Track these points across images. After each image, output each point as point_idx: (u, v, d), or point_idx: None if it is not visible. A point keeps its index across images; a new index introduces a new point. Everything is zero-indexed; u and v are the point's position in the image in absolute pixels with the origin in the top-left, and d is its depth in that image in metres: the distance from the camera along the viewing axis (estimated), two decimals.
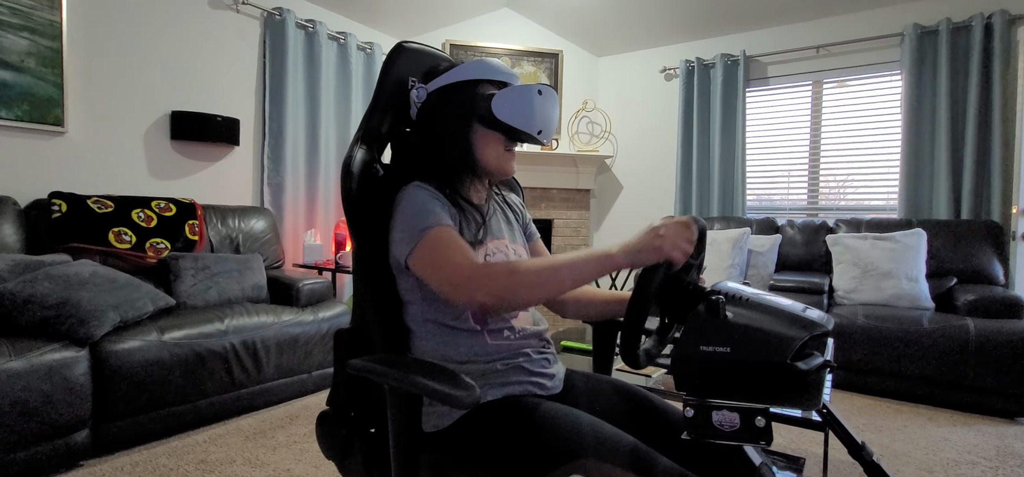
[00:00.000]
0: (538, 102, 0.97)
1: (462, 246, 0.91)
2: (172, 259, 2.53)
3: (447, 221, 0.94)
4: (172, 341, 2.10)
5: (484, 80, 1.01)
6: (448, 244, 0.90)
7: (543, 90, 0.98)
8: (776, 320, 0.73)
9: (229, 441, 2.12)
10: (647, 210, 4.53)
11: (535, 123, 0.97)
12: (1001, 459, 2.09)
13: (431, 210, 0.94)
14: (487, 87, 1.01)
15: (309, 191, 3.64)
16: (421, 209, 0.94)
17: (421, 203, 0.94)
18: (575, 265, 0.84)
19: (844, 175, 3.78)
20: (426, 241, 0.91)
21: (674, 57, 4.36)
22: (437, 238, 0.91)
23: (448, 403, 0.72)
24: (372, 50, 3.97)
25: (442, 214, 0.94)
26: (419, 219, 0.92)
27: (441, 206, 0.95)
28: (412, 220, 0.93)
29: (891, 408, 2.65)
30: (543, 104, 0.98)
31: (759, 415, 0.66)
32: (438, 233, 0.91)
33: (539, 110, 0.97)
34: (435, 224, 0.92)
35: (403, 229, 0.94)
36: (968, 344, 2.55)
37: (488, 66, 1.01)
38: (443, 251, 0.89)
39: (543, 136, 1.00)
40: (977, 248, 3.04)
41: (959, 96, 3.27)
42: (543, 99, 0.98)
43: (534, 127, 0.98)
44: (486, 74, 1.01)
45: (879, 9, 3.55)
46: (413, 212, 0.94)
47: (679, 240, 0.81)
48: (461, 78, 1.01)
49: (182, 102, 3.02)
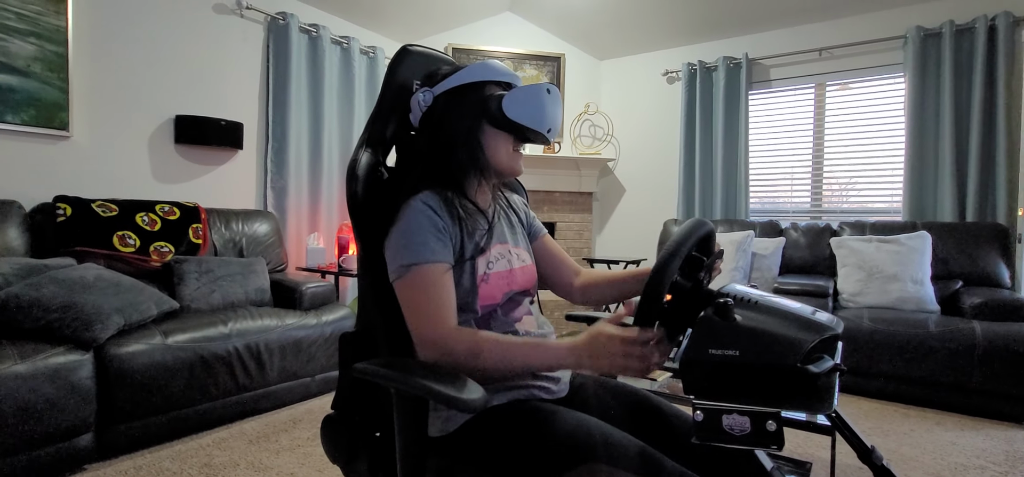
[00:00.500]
0: (548, 101, 0.99)
1: (441, 299, 0.91)
2: (176, 263, 2.53)
3: (439, 257, 0.92)
4: (176, 344, 2.10)
5: (490, 81, 1.01)
6: (428, 291, 0.90)
7: (551, 89, 1.00)
8: (786, 323, 0.72)
9: (233, 445, 2.12)
10: (650, 213, 4.52)
11: (545, 121, 0.98)
12: (1011, 464, 2.08)
13: (424, 242, 0.92)
14: (493, 88, 1.01)
15: (312, 194, 3.64)
16: (415, 238, 0.92)
17: (417, 231, 0.93)
18: (533, 355, 0.87)
19: (847, 178, 3.77)
20: (409, 279, 0.91)
21: (676, 60, 4.36)
22: (420, 281, 0.90)
23: (455, 407, 0.72)
24: (375, 54, 3.98)
25: (436, 246, 0.92)
26: (409, 251, 0.92)
27: (437, 236, 0.93)
28: (403, 249, 0.92)
29: (898, 412, 2.63)
30: (552, 103, 1.00)
31: (770, 419, 0.65)
32: (423, 275, 0.91)
33: (549, 109, 0.99)
34: (423, 261, 0.91)
35: (393, 252, 0.94)
36: (975, 347, 2.54)
37: (492, 68, 1.02)
38: (421, 298, 0.90)
39: (552, 134, 1.02)
40: (982, 251, 3.02)
41: (963, 98, 3.26)
42: (552, 98, 0.99)
43: (544, 125, 0.99)
44: (491, 76, 1.01)
45: (882, 11, 3.55)
46: (406, 240, 0.93)
47: (625, 361, 0.80)
48: (467, 80, 1.00)
49: (186, 106, 3.03)
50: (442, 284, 0.91)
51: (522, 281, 1.04)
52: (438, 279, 0.91)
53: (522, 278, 1.05)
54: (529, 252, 1.12)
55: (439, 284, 0.91)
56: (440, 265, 0.92)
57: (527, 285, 1.06)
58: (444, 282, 0.92)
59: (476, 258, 0.97)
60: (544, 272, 1.19)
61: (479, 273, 0.97)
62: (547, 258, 1.18)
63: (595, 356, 0.82)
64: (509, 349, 0.88)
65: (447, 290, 0.92)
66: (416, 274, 0.91)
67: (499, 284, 0.99)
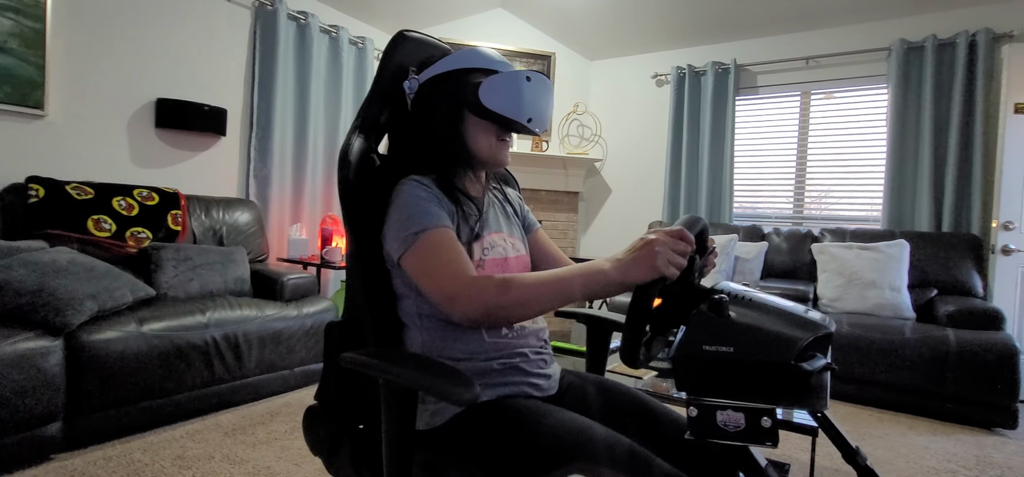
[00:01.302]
0: (527, 89, 0.94)
1: (457, 253, 0.88)
2: (153, 249, 2.46)
3: (445, 222, 0.91)
4: (151, 333, 2.04)
5: (475, 68, 0.98)
6: (443, 251, 0.88)
7: (532, 76, 0.95)
8: (780, 320, 0.72)
9: (207, 437, 2.07)
10: (635, 214, 4.55)
11: (523, 111, 0.95)
12: (980, 468, 2.13)
13: (427, 210, 0.91)
14: (478, 76, 0.98)
15: (296, 185, 3.58)
16: (417, 209, 0.91)
17: (417, 202, 0.92)
18: (566, 281, 0.82)
19: (829, 185, 3.84)
20: (421, 245, 0.89)
21: (666, 63, 4.39)
22: (432, 243, 0.88)
23: (448, 400, 0.70)
24: (364, 45, 3.93)
25: (439, 214, 0.92)
26: (414, 220, 0.90)
27: (438, 205, 0.93)
28: (407, 220, 0.90)
29: (872, 416, 2.68)
30: (533, 91, 0.95)
31: (765, 415, 0.65)
32: (433, 237, 0.89)
33: (528, 98, 0.94)
34: (431, 226, 0.89)
35: (397, 228, 0.92)
36: (948, 354, 2.60)
37: (479, 54, 0.99)
38: (437, 258, 0.87)
39: (533, 124, 0.97)
40: (957, 260, 3.10)
41: (942, 111, 3.34)
42: (532, 86, 0.95)
43: (523, 115, 0.95)
44: (476, 63, 0.98)
45: (868, 23, 3.61)
46: (409, 211, 0.91)
47: (673, 254, 0.76)
48: (452, 67, 0.98)
49: (168, 90, 2.95)
50: (453, 243, 0.90)
51: (517, 269, 1.03)
52: (448, 239, 0.89)
53: (517, 267, 1.03)
54: (524, 242, 1.11)
55: (450, 243, 0.89)
56: (446, 228, 0.91)
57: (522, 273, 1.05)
58: (454, 241, 0.90)
59: (471, 243, 0.96)
60: (538, 266, 1.18)
61: (474, 258, 0.95)
62: (540, 252, 1.17)
63: (643, 256, 0.76)
64: (542, 279, 0.83)
65: (459, 247, 0.90)
66: (425, 240, 0.89)
67: (494, 271, 0.98)
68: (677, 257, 0.76)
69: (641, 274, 0.76)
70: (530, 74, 0.95)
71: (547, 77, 0.99)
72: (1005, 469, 2.13)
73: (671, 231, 0.77)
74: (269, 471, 1.83)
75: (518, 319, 0.86)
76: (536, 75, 0.96)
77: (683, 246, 0.77)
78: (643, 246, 0.77)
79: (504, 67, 1.00)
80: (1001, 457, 2.24)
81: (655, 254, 0.75)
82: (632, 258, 0.77)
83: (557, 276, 0.83)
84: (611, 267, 0.79)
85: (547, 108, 0.99)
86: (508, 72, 0.95)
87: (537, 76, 0.96)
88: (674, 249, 0.76)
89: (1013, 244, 3.02)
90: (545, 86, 0.97)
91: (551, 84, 1.01)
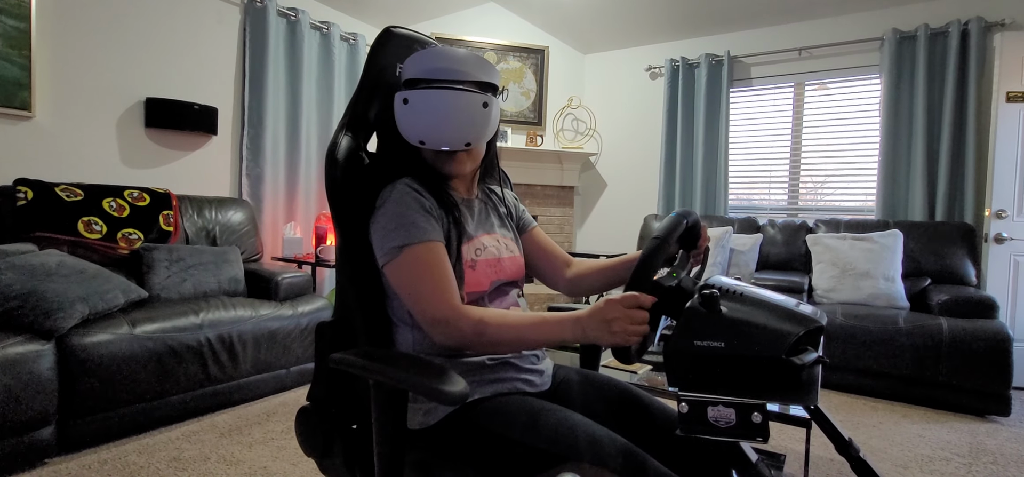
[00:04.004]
0: (407, 112, 0.90)
1: (442, 273, 0.88)
2: (145, 250, 2.44)
3: (432, 236, 0.90)
4: (144, 334, 2.03)
5: (420, 79, 0.93)
6: (427, 270, 0.87)
7: (409, 97, 0.90)
8: (771, 315, 0.72)
9: (203, 438, 2.06)
10: (631, 207, 4.54)
11: (413, 132, 0.91)
12: (974, 456, 2.14)
13: (414, 221, 0.90)
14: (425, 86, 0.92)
15: (289, 183, 3.56)
16: (404, 219, 0.90)
17: (404, 211, 0.91)
18: (536, 329, 0.85)
19: (823, 176, 3.84)
20: (405, 259, 0.88)
21: (659, 56, 4.38)
22: (416, 260, 0.88)
23: (436, 399, 0.70)
24: (356, 41, 3.90)
25: (426, 226, 0.90)
26: (400, 232, 0.89)
27: (426, 214, 0.92)
28: (394, 230, 0.90)
29: (867, 405, 2.69)
30: (457, 112, 0.89)
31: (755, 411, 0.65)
32: (419, 253, 0.88)
33: (446, 122, 0.89)
34: (417, 240, 0.89)
35: (383, 236, 0.91)
36: (941, 343, 2.61)
37: (417, 62, 0.93)
38: (421, 278, 0.87)
39: (427, 144, 0.92)
40: (951, 249, 3.11)
41: (935, 100, 3.34)
42: (453, 105, 0.89)
43: (414, 137, 0.92)
44: (418, 72, 0.93)
45: (860, 13, 3.61)
46: (396, 221, 0.90)
47: (629, 325, 0.77)
48: (406, 76, 0.95)
49: (158, 89, 2.92)
50: (439, 261, 0.89)
51: (510, 271, 1.03)
52: (434, 257, 0.89)
53: (510, 268, 1.03)
54: (517, 243, 1.10)
55: (436, 262, 0.89)
56: (434, 243, 0.90)
57: (515, 275, 1.04)
58: (441, 259, 0.90)
59: (462, 245, 0.95)
60: (535, 264, 1.17)
61: (466, 260, 0.95)
62: (538, 251, 1.16)
63: (598, 323, 0.79)
64: (514, 325, 0.86)
65: (445, 267, 0.90)
66: (410, 254, 0.88)
67: (487, 272, 0.97)
68: (632, 328, 0.78)
69: (600, 342, 0.80)
70: (408, 96, 0.90)
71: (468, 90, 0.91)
72: (998, 456, 2.14)
73: (624, 299, 0.79)
74: (266, 471, 1.82)
75: (487, 354, 0.90)
76: (418, 94, 0.90)
77: (638, 315, 0.78)
78: (600, 318, 0.79)
79: (447, 73, 0.92)
80: (994, 444, 2.26)
81: (612, 331, 0.78)
82: (592, 326, 0.81)
83: (528, 323, 0.86)
84: (575, 327, 0.83)
85: (442, 125, 0.90)
86: (425, 92, 0.89)
87: (419, 95, 0.89)
88: (628, 320, 0.78)
89: (1006, 232, 3.03)
90: (469, 103, 0.90)
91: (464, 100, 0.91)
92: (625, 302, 0.78)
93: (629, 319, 0.77)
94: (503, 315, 0.87)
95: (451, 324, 0.85)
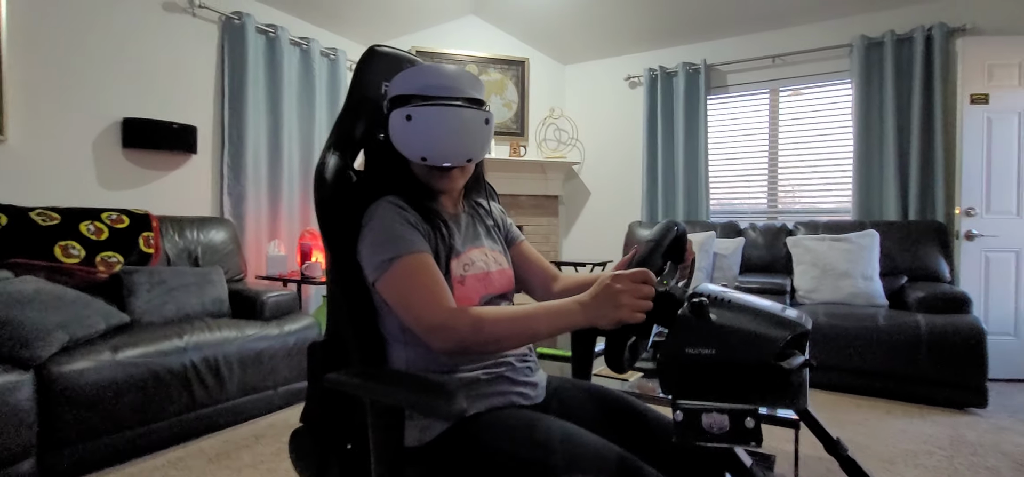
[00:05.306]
0: (409, 129, 0.91)
1: (433, 280, 0.88)
2: (125, 274, 2.39)
3: (420, 247, 0.91)
4: (126, 360, 1.99)
5: (410, 95, 0.95)
6: (419, 278, 0.88)
7: (412, 114, 0.90)
8: (759, 321, 0.74)
9: (190, 464, 2.02)
10: (615, 215, 4.59)
11: (415, 149, 0.92)
12: (955, 448, 2.20)
13: (401, 234, 0.91)
14: (401, 104, 0.95)
15: (272, 200, 3.53)
16: (391, 232, 0.91)
17: (391, 225, 0.92)
18: (534, 320, 0.84)
19: (800, 179, 3.93)
20: (395, 271, 0.89)
21: (638, 65, 4.45)
22: (407, 270, 0.88)
23: (434, 415, 0.70)
24: (337, 56, 3.89)
25: (413, 238, 0.91)
26: (388, 245, 0.90)
27: (412, 227, 0.93)
28: (381, 245, 0.90)
29: (851, 403, 2.75)
30: (417, 129, 0.90)
31: (748, 416, 0.67)
32: (408, 263, 0.89)
33: (416, 136, 0.91)
34: (406, 252, 0.89)
35: (371, 252, 0.92)
36: (920, 339, 2.68)
37: (418, 77, 0.95)
38: (413, 287, 0.87)
39: (429, 160, 0.93)
40: (924, 247, 3.21)
41: (904, 104, 3.45)
42: (421, 123, 0.90)
43: (415, 153, 0.93)
44: (408, 88, 0.95)
45: (830, 21, 3.72)
46: (383, 236, 0.91)
47: (635, 300, 0.78)
48: (395, 92, 0.97)
49: (135, 109, 2.88)
50: (429, 269, 0.89)
51: (500, 284, 1.03)
52: (424, 265, 0.89)
53: (500, 281, 1.04)
54: (506, 255, 1.11)
55: (426, 270, 0.89)
56: (422, 253, 0.91)
57: (505, 288, 1.05)
58: (430, 267, 0.90)
59: (450, 260, 0.96)
60: (523, 278, 1.18)
61: (455, 275, 0.96)
62: (526, 264, 1.17)
63: (605, 298, 0.79)
64: (513, 318, 0.84)
65: (436, 273, 0.90)
66: (400, 266, 0.89)
67: (476, 287, 0.98)
68: (639, 302, 0.78)
69: (606, 321, 0.79)
70: (411, 113, 0.90)
71: (468, 106, 0.92)
72: (977, 447, 2.20)
73: (633, 274, 0.79)
74: None
75: (492, 353, 0.87)
76: (421, 110, 0.90)
77: (646, 289, 0.79)
78: (606, 293, 0.79)
79: (438, 90, 0.94)
80: (973, 435, 2.32)
81: (619, 305, 0.78)
82: (596, 303, 0.80)
83: (527, 314, 0.85)
84: (579, 310, 0.82)
85: (446, 141, 0.92)
86: (420, 109, 0.91)
87: (422, 111, 0.90)
88: (636, 294, 0.78)
89: (976, 229, 3.14)
90: (461, 119, 0.92)
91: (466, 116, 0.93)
92: (633, 276, 0.78)
93: (637, 292, 0.78)
94: (500, 310, 0.86)
95: (448, 327, 0.84)
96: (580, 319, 0.82)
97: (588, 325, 0.81)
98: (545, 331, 0.84)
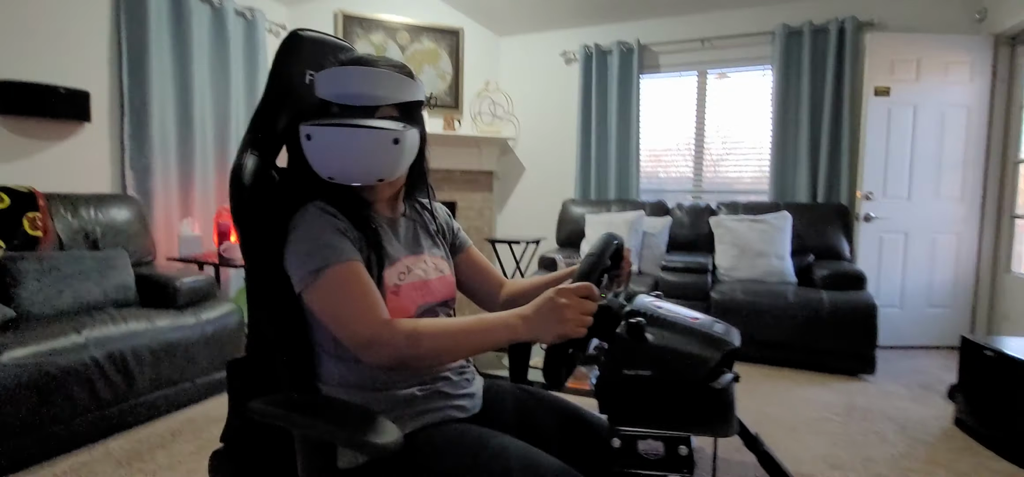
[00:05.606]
0: (311, 149, 0.85)
1: (364, 292, 0.83)
2: (8, 261, 2.13)
3: (349, 255, 0.85)
4: (13, 362, 1.77)
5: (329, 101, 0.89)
6: (349, 289, 0.83)
7: (312, 133, 0.84)
8: (691, 340, 0.76)
9: (96, 469, 1.86)
10: (549, 192, 4.62)
11: (321, 169, 0.87)
12: (848, 413, 2.45)
13: (329, 242, 0.85)
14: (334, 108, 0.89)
15: (183, 174, 3.24)
16: (318, 242, 0.85)
17: (318, 234, 0.86)
18: (474, 334, 0.82)
19: (724, 160, 4.13)
20: (324, 283, 0.83)
21: (573, 41, 4.44)
22: (336, 280, 0.83)
23: (367, 453, 0.67)
24: (254, 17, 3.59)
25: (342, 246, 0.86)
26: (315, 255, 0.84)
27: (342, 235, 0.87)
28: (309, 254, 0.85)
29: (762, 373, 2.98)
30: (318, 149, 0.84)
31: (682, 444, 0.69)
32: (338, 274, 0.83)
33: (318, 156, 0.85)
34: (335, 261, 0.84)
35: (299, 262, 0.86)
36: (822, 313, 2.94)
37: (328, 82, 0.88)
38: (344, 300, 0.82)
39: (336, 180, 0.87)
40: (829, 228, 3.48)
41: (818, 92, 3.68)
42: (313, 145, 0.84)
43: (322, 173, 0.87)
44: (324, 93, 0.89)
45: (755, 8, 3.87)
46: (310, 244, 0.85)
47: (579, 315, 0.77)
48: (319, 93, 0.90)
49: (12, 70, 2.52)
50: (360, 279, 0.85)
51: (439, 292, 1.00)
52: (355, 275, 0.84)
53: (440, 289, 1.00)
54: (448, 261, 1.07)
55: (358, 280, 0.84)
56: (353, 262, 0.86)
57: (445, 296, 1.02)
58: (362, 277, 0.85)
59: (384, 270, 0.91)
60: (469, 285, 1.15)
61: (388, 285, 0.91)
62: (473, 272, 1.14)
63: (548, 312, 0.78)
64: (452, 332, 0.82)
65: (368, 284, 0.85)
66: (329, 277, 0.83)
67: (412, 296, 0.94)
68: (583, 317, 0.78)
69: (549, 336, 0.78)
70: (311, 132, 0.84)
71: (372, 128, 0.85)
72: (867, 412, 2.46)
73: (577, 288, 0.79)
74: None
75: (429, 367, 0.85)
76: (321, 129, 0.84)
77: (589, 304, 0.78)
78: (550, 307, 0.78)
79: (354, 100, 0.87)
80: (863, 400, 2.59)
81: (563, 320, 0.77)
82: (539, 317, 0.79)
83: (466, 327, 0.82)
84: (521, 324, 0.80)
85: (348, 163, 0.85)
86: (327, 128, 0.84)
87: (322, 130, 0.84)
88: (580, 309, 0.78)
89: (873, 212, 3.44)
90: (342, 141, 0.84)
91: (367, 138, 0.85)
92: (578, 290, 0.78)
93: (581, 307, 0.77)
94: (438, 323, 0.84)
95: (383, 342, 0.81)
96: (522, 333, 0.80)
97: (530, 339, 0.80)
98: (485, 345, 0.83)
